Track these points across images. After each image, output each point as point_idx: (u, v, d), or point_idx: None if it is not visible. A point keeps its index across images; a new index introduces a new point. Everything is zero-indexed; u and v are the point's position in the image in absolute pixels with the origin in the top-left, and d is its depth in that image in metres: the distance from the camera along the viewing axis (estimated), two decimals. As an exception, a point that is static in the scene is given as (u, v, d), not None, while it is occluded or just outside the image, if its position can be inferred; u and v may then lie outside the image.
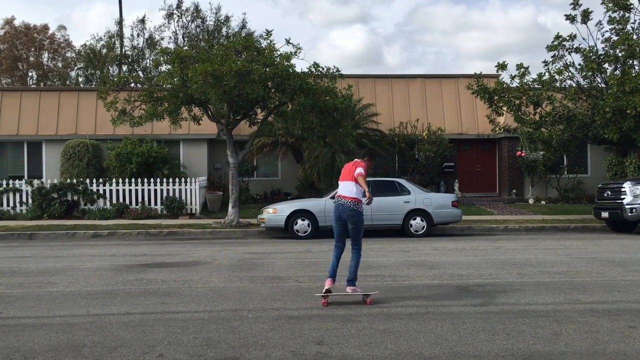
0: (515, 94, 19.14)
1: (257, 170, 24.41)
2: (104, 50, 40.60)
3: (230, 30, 39.31)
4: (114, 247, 13.82)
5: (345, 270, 7.79)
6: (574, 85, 19.06)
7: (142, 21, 39.87)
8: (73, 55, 45.63)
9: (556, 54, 19.01)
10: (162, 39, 40.25)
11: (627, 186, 15.93)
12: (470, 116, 25.32)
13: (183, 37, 39.46)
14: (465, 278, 9.15)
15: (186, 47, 28.63)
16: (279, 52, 16.73)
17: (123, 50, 39.68)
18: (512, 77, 19.23)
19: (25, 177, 22.50)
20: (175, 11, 39.19)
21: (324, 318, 6.69)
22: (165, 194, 19.87)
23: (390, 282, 8.91)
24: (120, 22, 39.36)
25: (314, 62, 17.27)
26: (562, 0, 77.63)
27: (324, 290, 7.50)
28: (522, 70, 19.18)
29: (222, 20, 39.59)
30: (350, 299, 7.59)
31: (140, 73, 37.79)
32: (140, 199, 19.83)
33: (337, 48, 74.13)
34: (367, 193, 7.46)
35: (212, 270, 10.15)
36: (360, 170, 7.65)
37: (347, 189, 7.77)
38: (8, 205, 19.68)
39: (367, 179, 7.10)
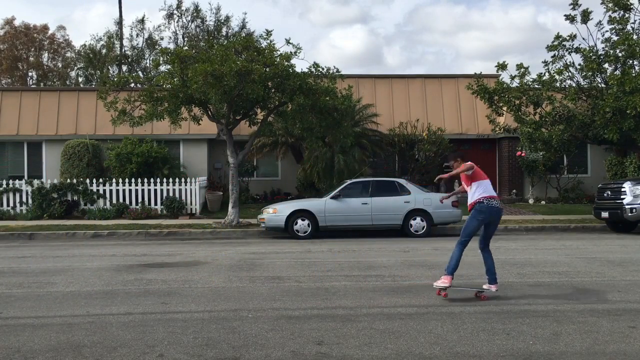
0: (515, 94, 19.14)
1: (257, 170, 24.42)
2: (104, 51, 40.60)
3: (230, 31, 39.36)
4: (113, 247, 13.82)
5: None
6: (574, 85, 19.07)
7: (142, 21, 39.91)
8: (73, 55, 45.67)
9: (556, 54, 19.02)
10: (162, 39, 40.29)
11: (627, 186, 15.94)
12: (470, 116, 25.33)
13: (183, 37, 39.49)
14: (465, 278, 9.15)
15: (186, 47, 28.63)
16: (278, 52, 16.73)
17: (123, 50, 39.69)
18: (512, 77, 19.23)
19: (25, 177, 22.50)
20: (175, 11, 39.22)
21: (324, 318, 6.69)
22: (165, 194, 19.87)
23: (390, 282, 8.91)
24: (120, 22, 39.39)
25: (314, 62, 17.30)
26: (562, 0, 77.58)
27: (442, 290, 7.59)
28: (522, 70, 19.18)
29: (222, 21, 39.63)
30: (466, 294, 7.76)
31: (140, 73, 37.78)
32: (140, 199, 19.83)
33: (337, 48, 74.24)
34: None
35: (212, 270, 10.15)
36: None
37: (491, 188, 7.85)
38: (8, 205, 19.68)
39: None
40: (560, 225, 17.30)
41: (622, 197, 15.89)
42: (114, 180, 20.11)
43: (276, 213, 15.84)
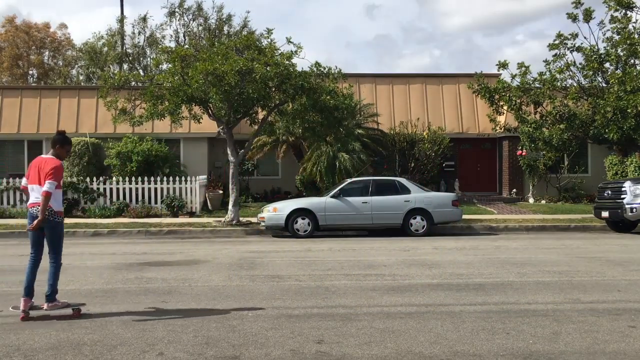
0: (516, 93, 19.14)
1: (257, 169, 24.41)
2: (105, 49, 40.57)
3: (232, 30, 39.32)
4: (114, 246, 13.82)
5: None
6: (575, 84, 19.07)
7: (144, 19, 39.83)
8: (74, 53, 45.61)
9: (558, 52, 19.02)
10: (164, 37, 40.22)
11: (627, 186, 15.93)
12: (471, 116, 25.33)
13: (184, 36, 39.44)
14: (466, 277, 9.16)
15: (186, 46, 28.60)
16: (279, 51, 16.71)
17: (124, 48, 39.67)
18: (513, 76, 19.23)
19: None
20: (177, 9, 39.15)
21: (323, 317, 6.69)
22: (165, 193, 19.88)
23: (390, 281, 8.91)
24: (121, 20, 39.34)
25: (316, 62, 17.24)
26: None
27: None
28: (523, 69, 19.19)
29: (224, 19, 39.57)
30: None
31: (141, 72, 37.75)
32: (140, 198, 19.84)
33: (338, 49, 74.14)
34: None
35: (212, 268, 10.15)
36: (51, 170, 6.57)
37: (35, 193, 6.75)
38: (8, 203, 19.69)
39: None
40: (561, 224, 17.28)
41: (622, 196, 15.87)
42: (114, 178, 20.12)
43: (276, 212, 15.84)
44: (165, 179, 20.04)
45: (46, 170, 6.65)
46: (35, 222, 6.62)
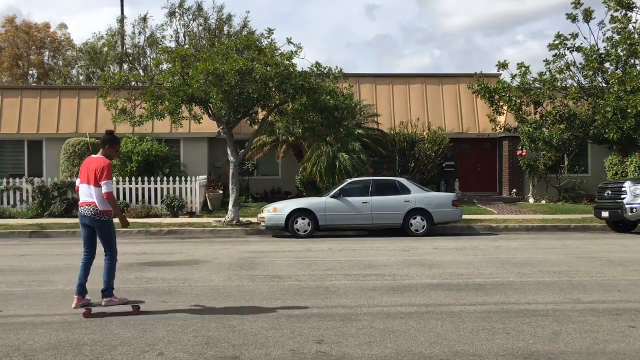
0: (516, 93, 19.14)
1: (257, 169, 24.41)
2: (105, 49, 40.57)
3: (232, 30, 39.33)
4: (114, 246, 13.80)
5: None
6: (575, 84, 19.08)
7: (144, 19, 39.84)
8: (74, 53, 45.61)
9: (557, 52, 19.03)
10: (164, 37, 40.24)
11: (627, 186, 15.93)
12: (471, 116, 25.33)
13: (184, 36, 39.45)
14: (465, 277, 9.16)
15: (187, 46, 28.59)
16: (279, 51, 16.70)
17: (124, 48, 39.66)
18: (513, 76, 19.23)
19: (26, 175, 22.51)
20: (177, 10, 39.15)
21: (323, 317, 6.69)
22: (165, 193, 19.87)
23: (390, 281, 8.91)
24: (121, 20, 39.34)
25: (316, 62, 17.23)
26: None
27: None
28: (523, 69, 19.19)
29: (224, 19, 39.59)
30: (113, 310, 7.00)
31: (141, 72, 37.74)
32: (140, 198, 19.83)
33: (338, 49, 74.10)
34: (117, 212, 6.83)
35: (212, 268, 10.15)
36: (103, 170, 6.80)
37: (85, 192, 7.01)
38: (8, 203, 19.69)
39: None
40: (561, 224, 17.27)
41: (622, 196, 15.87)
42: (114, 178, 20.11)
43: (276, 212, 15.84)
44: (165, 179, 20.03)
45: (94, 170, 6.90)
46: (120, 221, 7.08)
